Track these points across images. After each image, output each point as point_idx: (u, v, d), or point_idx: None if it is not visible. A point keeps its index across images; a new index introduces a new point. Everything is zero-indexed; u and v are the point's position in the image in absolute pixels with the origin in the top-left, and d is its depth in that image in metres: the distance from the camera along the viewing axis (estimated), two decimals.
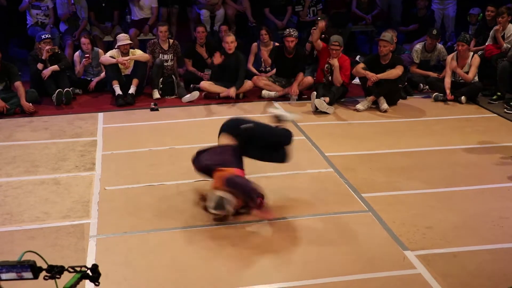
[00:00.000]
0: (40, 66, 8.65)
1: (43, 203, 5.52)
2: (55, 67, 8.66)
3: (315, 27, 9.19)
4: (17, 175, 6.17)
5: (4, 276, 2.12)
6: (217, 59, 8.80)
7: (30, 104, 8.21)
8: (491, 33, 9.20)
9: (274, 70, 9.24)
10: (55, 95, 8.48)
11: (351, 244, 4.78)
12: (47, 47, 8.70)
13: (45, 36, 8.90)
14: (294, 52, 8.91)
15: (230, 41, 8.87)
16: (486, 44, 9.23)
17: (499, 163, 6.42)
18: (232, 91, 8.66)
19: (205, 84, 8.90)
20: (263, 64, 9.37)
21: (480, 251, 4.67)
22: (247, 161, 5.48)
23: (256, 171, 5.88)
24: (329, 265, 4.47)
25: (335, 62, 8.45)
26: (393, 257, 4.56)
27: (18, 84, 8.24)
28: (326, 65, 8.60)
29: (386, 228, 5.00)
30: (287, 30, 8.99)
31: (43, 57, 8.68)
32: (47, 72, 8.60)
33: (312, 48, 9.39)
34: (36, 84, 8.70)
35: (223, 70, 8.93)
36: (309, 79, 8.91)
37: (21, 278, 2.14)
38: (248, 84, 8.96)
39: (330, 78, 8.63)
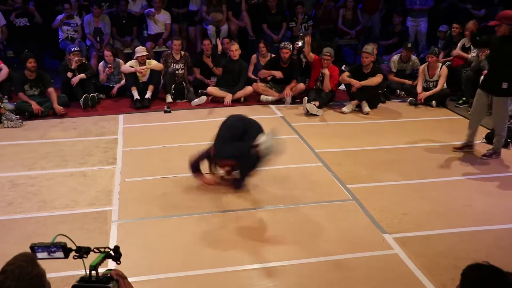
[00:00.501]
0: (69, 74, 8.64)
1: (72, 193, 5.52)
2: (82, 75, 8.65)
3: (297, 42, 9.23)
4: (50, 168, 6.17)
5: (39, 255, 2.13)
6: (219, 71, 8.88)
7: (61, 107, 8.21)
8: (459, 44, 9.19)
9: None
10: (82, 99, 8.47)
11: (337, 228, 4.78)
12: (76, 58, 8.70)
13: (74, 48, 8.92)
14: (288, 62, 8.91)
15: (234, 49, 8.89)
16: (453, 56, 9.21)
17: (464, 158, 6.42)
18: (227, 99, 8.68)
19: (212, 90, 8.91)
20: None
21: (448, 234, 4.69)
22: None
23: None
24: (318, 246, 4.47)
25: (326, 71, 8.46)
26: (374, 240, 4.57)
27: (51, 90, 8.24)
28: (320, 73, 8.60)
29: (368, 214, 5.01)
30: (283, 43, 8.99)
31: (72, 67, 8.67)
32: (75, 80, 8.59)
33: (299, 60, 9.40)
34: (66, 90, 8.68)
35: (227, 75, 8.95)
36: (301, 86, 8.89)
37: (54, 257, 2.15)
38: (248, 89, 8.94)
39: (320, 85, 8.62)
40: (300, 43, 9.05)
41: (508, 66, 6.00)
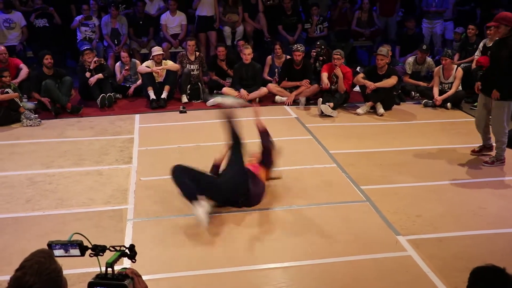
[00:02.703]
0: (87, 74, 8.72)
1: (89, 191, 5.56)
2: (100, 75, 8.72)
3: (314, 51, 9.25)
4: (67, 167, 6.22)
5: (56, 252, 2.14)
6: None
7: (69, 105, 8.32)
8: (480, 44, 9.06)
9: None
10: (99, 99, 8.54)
11: (351, 229, 4.75)
12: (95, 59, 8.80)
13: (84, 47, 9.06)
14: (301, 64, 8.91)
15: (247, 53, 8.93)
16: (477, 56, 9.05)
17: (478, 161, 6.35)
18: (243, 93, 8.76)
19: (227, 90, 8.93)
20: (276, 75, 9.35)
21: (462, 236, 4.64)
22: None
23: None
24: (331, 247, 4.45)
25: (339, 73, 8.43)
26: (387, 241, 4.54)
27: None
28: (332, 75, 8.57)
29: (381, 216, 4.98)
30: (295, 45, 8.99)
31: (91, 67, 8.75)
32: (93, 80, 8.66)
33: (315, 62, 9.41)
34: (84, 90, 8.76)
35: (241, 78, 8.97)
36: (315, 87, 8.87)
37: (71, 255, 2.16)
38: (263, 90, 8.96)
39: (334, 86, 8.60)
40: (315, 52, 9.17)
41: (504, 71, 5.86)
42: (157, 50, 8.94)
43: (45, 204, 5.26)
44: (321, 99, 8.30)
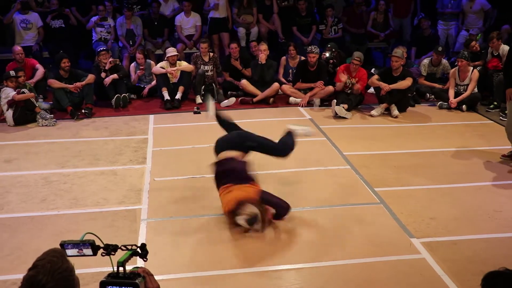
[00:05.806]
0: (103, 75, 8.78)
1: (103, 191, 5.59)
2: (114, 75, 8.76)
3: (324, 53, 9.24)
4: (82, 167, 6.26)
5: (69, 252, 2.15)
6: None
7: (80, 84, 8.33)
8: (489, 49, 9.02)
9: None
10: (114, 99, 8.58)
11: (364, 231, 4.73)
12: (110, 60, 8.84)
13: (100, 48, 9.10)
14: (316, 66, 8.88)
15: (263, 49, 8.96)
16: (489, 58, 8.99)
17: (494, 163, 6.28)
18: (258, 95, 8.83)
19: (245, 82, 8.99)
20: (290, 76, 9.34)
21: (476, 239, 4.60)
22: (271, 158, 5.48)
23: (282, 167, 5.87)
24: (345, 249, 4.43)
25: (357, 88, 8.40)
26: (401, 243, 4.51)
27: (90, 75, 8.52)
28: (347, 81, 8.52)
29: (395, 218, 4.95)
30: (310, 47, 8.95)
31: (106, 68, 8.80)
32: (108, 80, 8.71)
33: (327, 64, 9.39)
34: (99, 90, 8.81)
35: (257, 75, 8.99)
36: (330, 88, 8.83)
37: (83, 255, 2.17)
38: (275, 85, 8.90)
39: (348, 90, 8.57)
40: (327, 54, 9.15)
41: None
42: (171, 51, 8.98)
43: (60, 203, 5.30)
44: (335, 100, 8.27)
